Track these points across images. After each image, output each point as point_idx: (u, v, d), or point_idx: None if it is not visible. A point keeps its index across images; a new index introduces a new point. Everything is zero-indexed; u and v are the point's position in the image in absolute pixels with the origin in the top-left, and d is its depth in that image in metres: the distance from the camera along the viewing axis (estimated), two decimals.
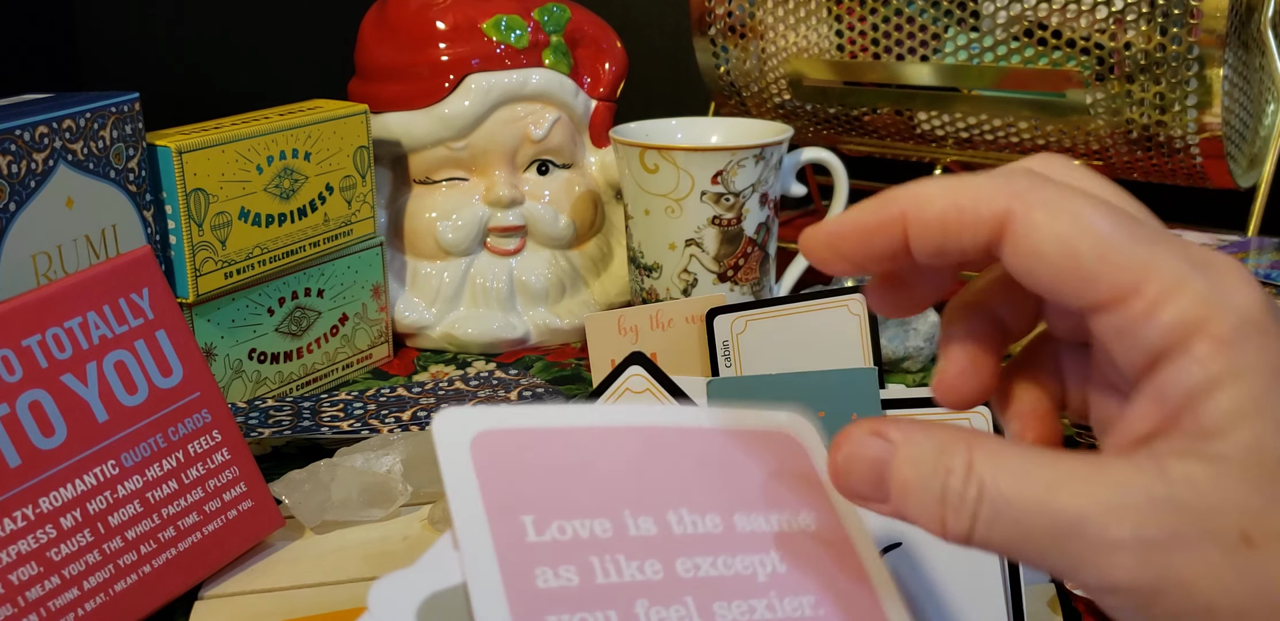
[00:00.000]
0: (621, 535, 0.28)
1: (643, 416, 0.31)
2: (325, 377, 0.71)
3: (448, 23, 0.74)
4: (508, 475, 0.28)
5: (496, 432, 0.29)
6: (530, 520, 0.28)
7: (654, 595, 0.28)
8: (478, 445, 0.28)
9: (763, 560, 0.30)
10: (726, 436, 0.31)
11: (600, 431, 0.30)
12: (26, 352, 0.43)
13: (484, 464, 0.28)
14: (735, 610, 0.29)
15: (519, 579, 0.27)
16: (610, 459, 0.30)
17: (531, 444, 0.29)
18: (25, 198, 0.53)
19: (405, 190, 0.77)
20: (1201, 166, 0.70)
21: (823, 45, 0.79)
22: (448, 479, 0.27)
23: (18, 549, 0.41)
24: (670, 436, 0.31)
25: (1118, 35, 0.68)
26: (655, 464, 0.30)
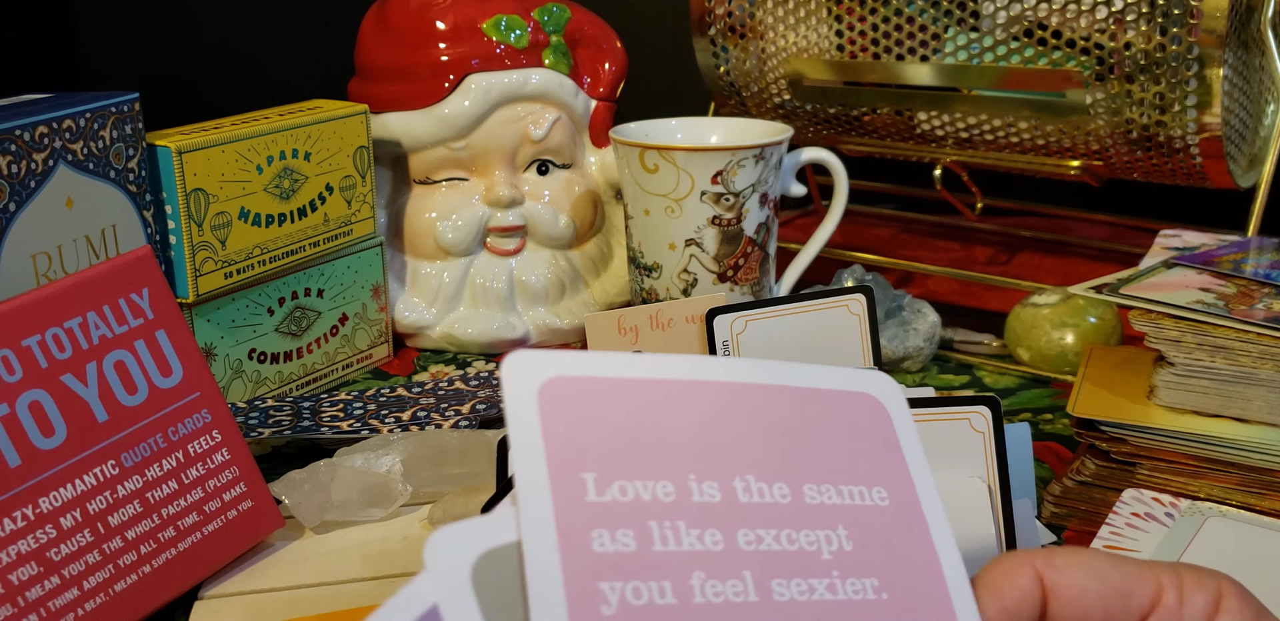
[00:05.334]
0: (684, 500, 0.27)
1: (724, 370, 0.29)
2: (325, 377, 0.71)
3: (448, 23, 0.74)
4: (574, 427, 0.27)
5: (567, 380, 0.27)
6: (592, 478, 0.26)
7: (711, 567, 0.26)
8: (546, 392, 0.27)
9: (829, 536, 0.28)
10: (808, 396, 0.30)
11: (677, 385, 0.28)
12: (26, 353, 0.43)
13: (551, 413, 0.27)
14: (794, 588, 0.27)
15: (575, 541, 0.25)
16: (682, 416, 0.28)
17: (602, 394, 0.27)
18: (25, 198, 0.53)
19: (405, 190, 0.77)
20: (1201, 166, 0.70)
21: (823, 45, 0.79)
22: (513, 428, 0.26)
23: (18, 549, 0.41)
24: (749, 394, 0.29)
25: (1118, 35, 0.68)
26: (728, 424, 0.28)
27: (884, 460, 0.30)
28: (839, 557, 0.28)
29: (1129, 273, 0.59)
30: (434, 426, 0.60)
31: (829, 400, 0.30)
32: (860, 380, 0.31)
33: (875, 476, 0.29)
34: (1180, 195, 0.81)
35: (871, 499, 0.29)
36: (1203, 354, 0.53)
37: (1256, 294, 0.55)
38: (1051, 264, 0.87)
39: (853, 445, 0.30)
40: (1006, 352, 0.72)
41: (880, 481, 0.29)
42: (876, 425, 0.30)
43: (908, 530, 0.29)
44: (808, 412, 0.30)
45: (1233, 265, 0.59)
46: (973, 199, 0.82)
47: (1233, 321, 0.52)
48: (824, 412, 0.30)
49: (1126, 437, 0.54)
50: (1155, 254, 0.62)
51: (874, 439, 0.30)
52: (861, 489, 0.29)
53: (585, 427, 0.27)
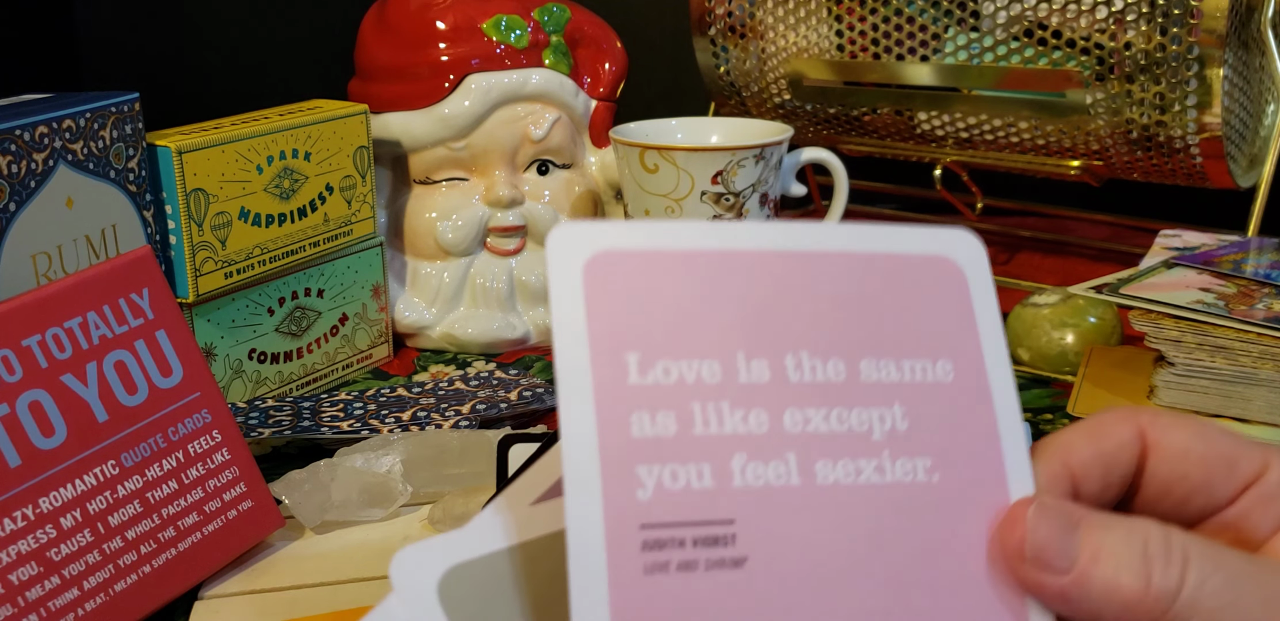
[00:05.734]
0: (730, 380, 0.26)
1: (786, 238, 0.28)
2: (325, 378, 0.71)
3: (448, 23, 0.74)
4: (620, 304, 0.26)
5: (617, 254, 0.26)
6: (635, 358, 0.26)
7: (753, 449, 0.26)
8: (593, 267, 0.26)
9: (883, 415, 0.27)
10: (876, 263, 0.28)
11: (733, 256, 0.27)
12: (26, 353, 0.43)
13: (596, 290, 0.26)
14: (840, 470, 0.27)
15: (613, 425, 0.25)
16: (736, 290, 0.27)
17: (652, 268, 0.26)
18: (25, 198, 0.53)
19: (405, 190, 0.77)
20: (1201, 166, 0.70)
21: (823, 45, 0.79)
22: (556, 306, 0.25)
23: (18, 549, 0.41)
24: (810, 263, 0.28)
25: (1118, 35, 0.67)
26: (785, 297, 0.27)
27: (954, 330, 0.28)
28: (891, 437, 0.27)
29: (1129, 273, 0.59)
30: (434, 426, 0.60)
31: (899, 266, 0.28)
32: (938, 242, 0.29)
33: (942, 349, 0.28)
34: (1180, 195, 0.81)
35: (935, 374, 0.28)
36: (1203, 354, 0.53)
37: (1256, 294, 0.55)
38: (1051, 264, 0.87)
39: (921, 315, 0.28)
40: None
41: (947, 354, 0.28)
42: (950, 292, 0.29)
43: (970, 407, 0.28)
44: (874, 281, 0.28)
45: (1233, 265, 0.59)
46: (973, 199, 0.82)
47: (1233, 321, 0.52)
48: (892, 280, 0.28)
49: None
50: (1155, 254, 0.62)
51: (945, 307, 0.28)
52: (925, 363, 0.28)
53: (631, 305, 0.26)
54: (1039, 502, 0.27)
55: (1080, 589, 0.25)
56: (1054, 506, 0.26)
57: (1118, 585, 0.25)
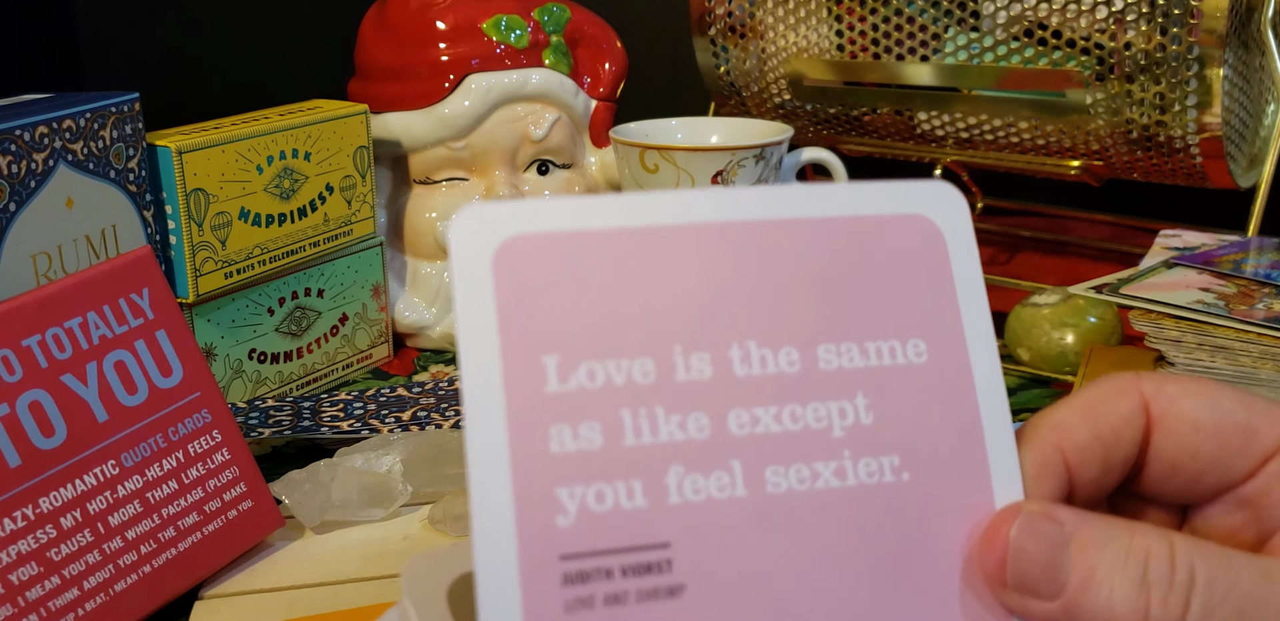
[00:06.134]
0: (666, 380, 0.23)
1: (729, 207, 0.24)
2: (325, 377, 0.71)
3: (448, 23, 0.74)
4: (535, 299, 0.23)
5: (531, 239, 0.23)
6: (554, 362, 0.23)
7: (692, 459, 0.23)
8: (503, 256, 0.23)
9: (844, 408, 0.24)
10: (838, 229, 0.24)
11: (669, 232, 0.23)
12: (26, 352, 0.43)
13: (507, 284, 0.23)
14: (793, 476, 0.23)
15: (528, 441, 0.22)
16: (672, 272, 0.23)
17: (572, 253, 0.23)
18: (25, 198, 0.53)
19: (405, 190, 0.77)
20: (1201, 166, 0.70)
21: (823, 45, 0.79)
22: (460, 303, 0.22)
23: (18, 549, 0.41)
24: (762, 234, 0.24)
25: (1118, 35, 0.67)
26: (730, 276, 0.24)
27: (930, 303, 0.25)
28: (853, 434, 0.24)
29: (1129, 273, 0.59)
30: (434, 426, 0.60)
31: (865, 230, 0.25)
32: (912, 199, 0.25)
33: (915, 325, 0.25)
34: (1180, 195, 0.81)
35: (905, 356, 0.24)
36: (1203, 354, 0.53)
37: (1256, 294, 0.55)
38: (1051, 264, 0.87)
39: (890, 287, 0.25)
40: (1007, 352, 0.72)
41: (920, 331, 0.25)
42: (926, 256, 0.25)
43: (947, 392, 0.24)
44: (834, 251, 0.24)
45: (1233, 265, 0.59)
46: (973, 199, 0.82)
47: (1233, 321, 0.52)
48: (856, 248, 0.25)
49: None
50: (1155, 254, 0.62)
51: (920, 276, 0.25)
52: (894, 344, 0.24)
53: (549, 299, 0.23)
54: (1023, 517, 0.23)
55: (1069, 617, 0.23)
56: (1040, 521, 0.23)
57: (1112, 615, 0.22)
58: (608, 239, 0.23)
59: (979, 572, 0.23)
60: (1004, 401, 0.25)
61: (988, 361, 0.25)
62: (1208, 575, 0.22)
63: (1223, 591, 0.22)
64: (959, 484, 0.24)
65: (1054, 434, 0.25)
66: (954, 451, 0.24)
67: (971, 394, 0.25)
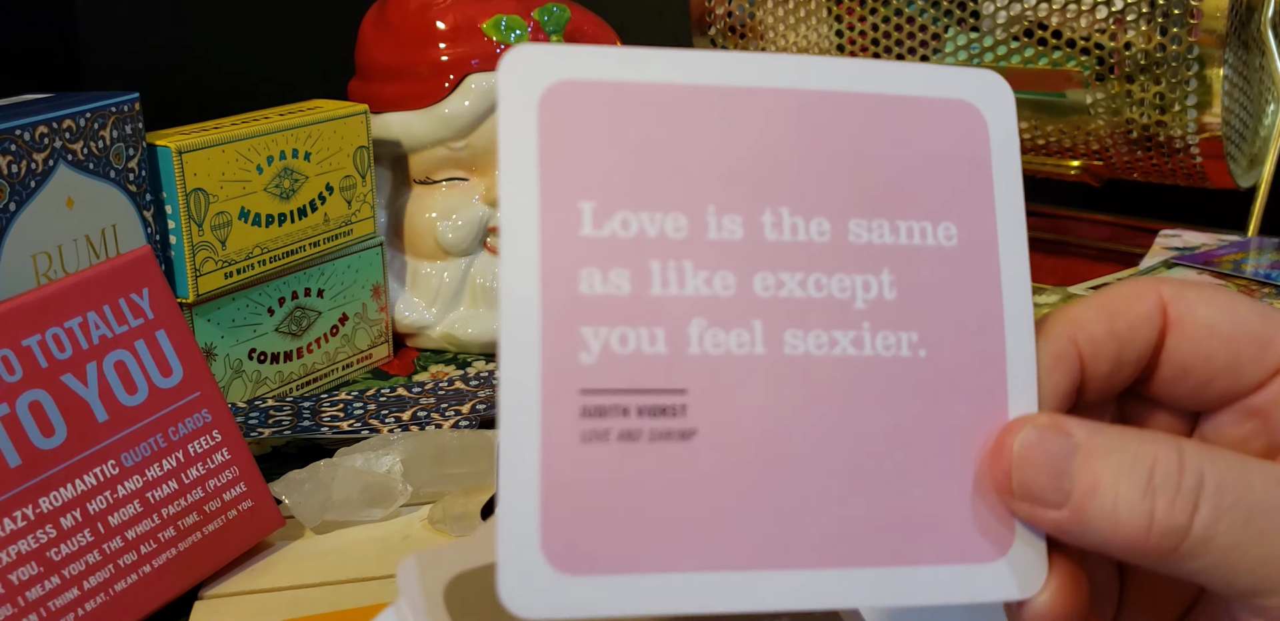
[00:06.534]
0: (697, 236, 0.24)
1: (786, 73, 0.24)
2: (325, 377, 0.71)
3: (448, 23, 0.74)
4: (579, 144, 0.23)
5: (580, 85, 0.23)
6: (590, 208, 0.23)
7: (715, 314, 0.23)
8: (550, 100, 0.23)
9: (868, 282, 0.24)
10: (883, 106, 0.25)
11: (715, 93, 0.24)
12: (26, 353, 0.43)
13: (552, 125, 0.23)
14: (810, 341, 0.24)
15: (560, 280, 0.23)
16: (715, 133, 0.24)
17: (620, 103, 0.23)
18: (25, 198, 0.53)
19: (405, 190, 0.77)
20: (1201, 166, 0.70)
21: (823, 45, 0.79)
22: (504, 141, 0.23)
23: (18, 549, 0.41)
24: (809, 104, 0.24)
25: (1118, 35, 0.68)
26: (772, 141, 0.24)
27: (965, 188, 0.25)
28: (875, 307, 0.24)
29: (1129, 273, 0.59)
30: (434, 426, 0.60)
31: (909, 110, 0.25)
32: (958, 84, 0.26)
33: (947, 208, 0.25)
34: (1180, 195, 0.81)
35: (935, 237, 0.25)
36: None
37: (1256, 294, 0.55)
38: (1051, 264, 0.87)
39: (927, 169, 0.25)
40: None
41: (952, 215, 0.25)
42: (967, 142, 0.25)
43: (972, 276, 0.25)
44: (876, 127, 0.25)
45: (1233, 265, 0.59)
46: None
47: None
48: (898, 127, 0.25)
49: None
50: (1155, 254, 0.62)
51: (958, 162, 0.25)
52: (925, 225, 0.25)
53: (593, 145, 0.23)
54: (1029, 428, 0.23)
55: (1077, 524, 0.22)
56: (1046, 432, 0.23)
57: (1117, 521, 0.22)
58: (655, 92, 0.23)
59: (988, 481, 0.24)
60: (1027, 292, 0.25)
61: (1016, 252, 0.25)
62: (1218, 480, 0.22)
63: (1233, 497, 0.22)
64: (974, 366, 0.24)
65: (1070, 327, 0.25)
66: (972, 335, 0.25)
67: (997, 281, 0.25)
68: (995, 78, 0.26)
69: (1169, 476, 0.22)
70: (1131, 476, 0.22)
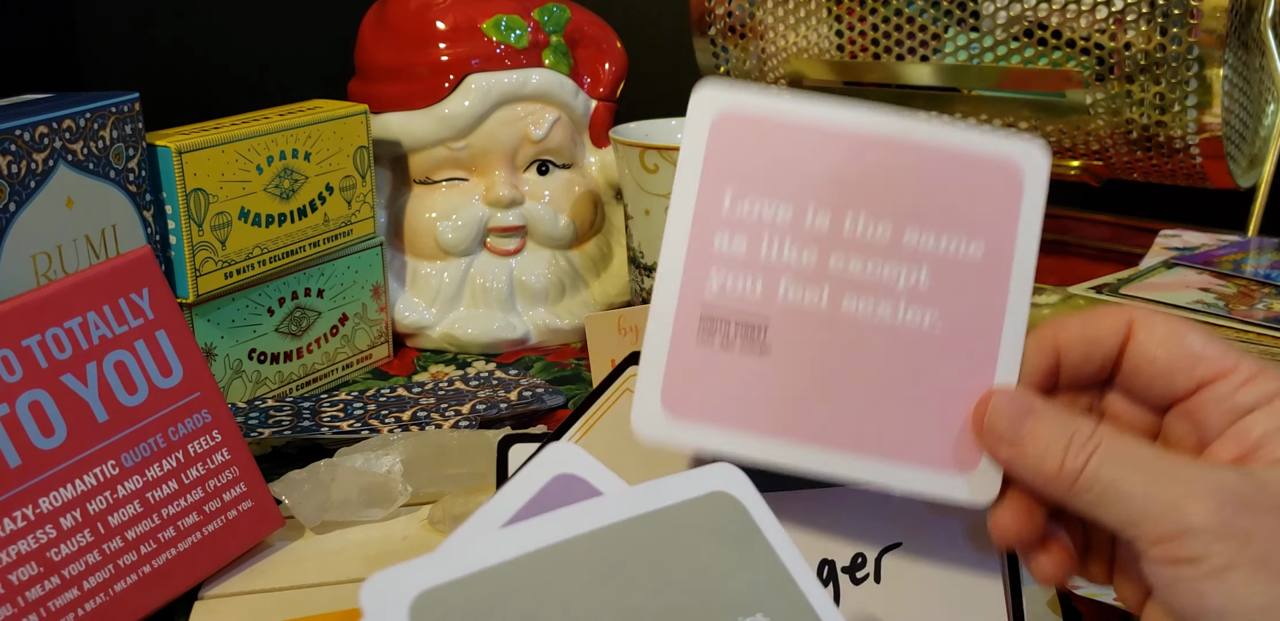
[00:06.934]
0: (797, 224, 0.34)
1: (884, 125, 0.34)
2: (325, 378, 0.71)
3: (448, 23, 0.74)
4: (732, 154, 0.34)
5: (742, 116, 0.34)
6: (730, 193, 0.34)
7: (798, 277, 0.34)
8: (720, 122, 0.34)
9: (909, 272, 0.34)
10: (950, 156, 0.34)
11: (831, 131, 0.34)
12: (26, 353, 0.43)
13: (717, 140, 0.34)
14: (861, 305, 0.34)
15: (702, 239, 0.34)
16: (823, 157, 0.34)
17: (764, 131, 0.34)
18: (25, 198, 0.53)
19: (405, 190, 0.77)
20: (1201, 166, 0.70)
21: (823, 45, 0.79)
22: (685, 146, 0.34)
23: (18, 549, 0.41)
24: (894, 146, 0.34)
25: (1118, 35, 0.68)
26: (861, 168, 0.34)
27: (997, 220, 0.34)
28: (911, 290, 0.34)
29: (1129, 273, 0.59)
30: (434, 426, 0.60)
31: (968, 160, 0.35)
32: (1008, 146, 0.35)
33: (980, 232, 0.34)
34: (1180, 195, 0.81)
35: (966, 250, 0.34)
36: None
37: (1256, 294, 0.55)
38: (1051, 264, 0.87)
39: (971, 202, 0.34)
40: None
41: (983, 236, 0.34)
42: (1004, 187, 0.35)
43: (988, 281, 0.34)
44: (940, 168, 0.34)
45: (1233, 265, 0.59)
46: None
47: (1233, 321, 0.52)
48: (956, 170, 0.34)
49: None
50: (1155, 254, 0.62)
51: (995, 199, 0.35)
52: (961, 240, 0.34)
53: (742, 155, 0.34)
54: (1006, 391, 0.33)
55: (1018, 459, 0.33)
56: (1017, 397, 0.33)
57: (1041, 461, 0.32)
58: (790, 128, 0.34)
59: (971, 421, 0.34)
60: (1027, 300, 0.34)
61: (1025, 271, 0.34)
62: (1110, 444, 0.32)
63: (1117, 455, 0.31)
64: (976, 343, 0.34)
65: (1054, 327, 0.34)
66: (979, 321, 0.34)
67: (1005, 289, 0.34)
68: (1039, 146, 0.35)
69: (1081, 439, 0.32)
70: (1059, 435, 0.32)
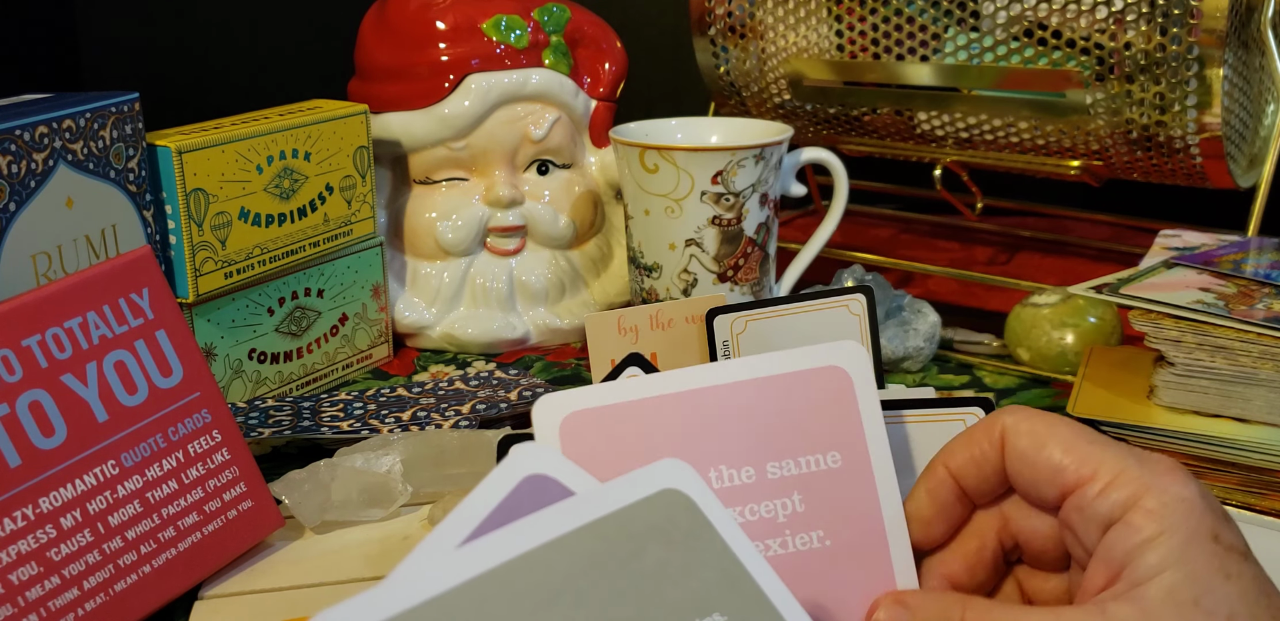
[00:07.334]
0: None
1: (697, 378, 0.36)
2: (325, 377, 0.71)
3: (448, 23, 0.74)
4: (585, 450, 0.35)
5: (580, 413, 0.36)
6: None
7: None
8: (566, 425, 0.36)
9: (785, 503, 0.36)
10: (773, 384, 0.36)
11: (663, 401, 0.36)
12: (26, 353, 0.43)
13: (569, 442, 0.35)
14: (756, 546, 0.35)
15: None
16: (665, 426, 0.36)
17: (605, 420, 0.36)
18: (25, 198, 0.53)
19: (405, 190, 0.77)
20: (1201, 166, 0.70)
21: (823, 45, 0.79)
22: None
23: (18, 549, 0.41)
24: (720, 396, 0.36)
25: (1118, 35, 0.68)
26: (704, 426, 0.36)
27: (842, 426, 0.37)
28: (792, 518, 0.36)
29: (1129, 273, 0.59)
30: (434, 426, 0.60)
31: (794, 382, 0.37)
32: (827, 355, 0.37)
33: (831, 442, 0.37)
34: (1180, 195, 0.81)
35: (826, 463, 0.37)
36: (1203, 354, 0.53)
37: (1256, 294, 0.55)
38: (1051, 264, 0.87)
39: (813, 418, 0.37)
40: (1006, 352, 0.72)
41: (836, 446, 0.37)
42: (838, 395, 0.37)
43: (855, 486, 0.36)
44: (774, 399, 0.37)
45: (1233, 265, 0.59)
46: (973, 199, 0.82)
47: (1233, 321, 0.52)
48: (788, 395, 0.37)
49: (1127, 438, 0.54)
50: (1155, 254, 0.62)
51: (834, 408, 0.37)
52: (818, 456, 0.37)
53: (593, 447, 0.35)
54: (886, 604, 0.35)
55: None
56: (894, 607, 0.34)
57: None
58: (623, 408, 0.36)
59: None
60: (896, 493, 0.36)
61: (884, 465, 0.37)
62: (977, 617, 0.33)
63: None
64: (863, 545, 0.36)
65: (944, 456, 0.36)
66: (859, 525, 0.36)
67: (872, 485, 0.36)
68: (853, 346, 0.37)
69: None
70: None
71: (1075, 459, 0.33)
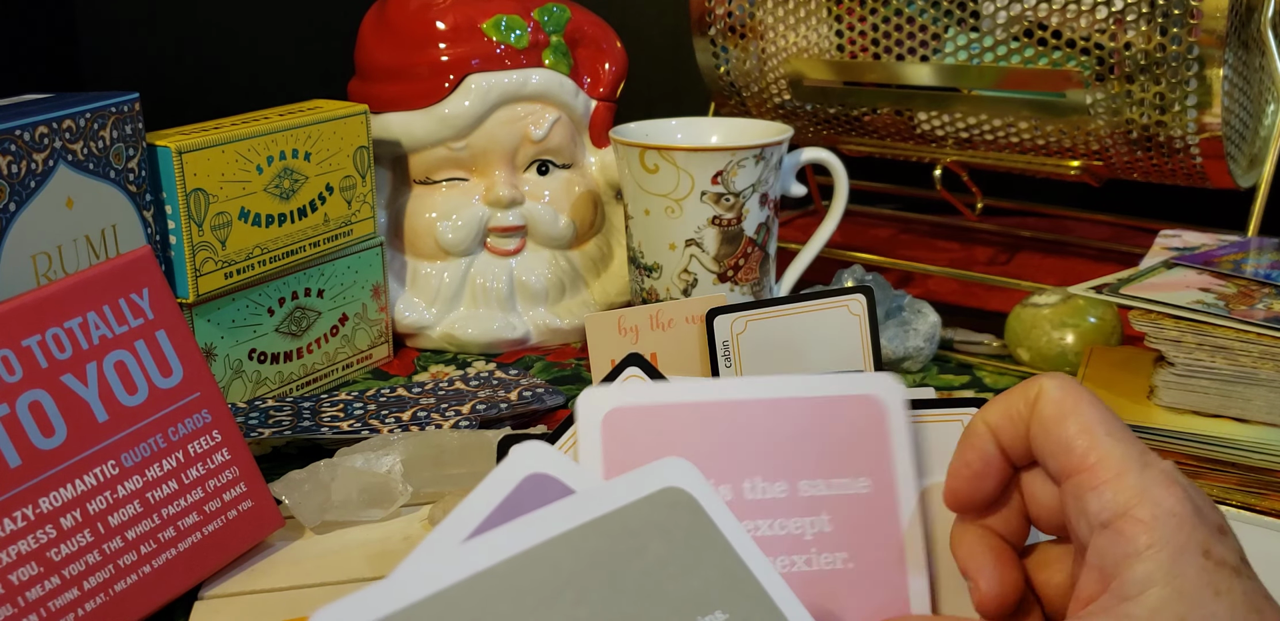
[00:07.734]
0: None
1: (746, 390, 0.37)
2: (325, 378, 0.71)
3: (448, 23, 0.74)
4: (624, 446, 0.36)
5: (623, 409, 0.37)
6: None
7: None
8: (608, 420, 0.37)
9: (813, 521, 0.37)
10: (814, 405, 0.38)
11: (706, 407, 0.37)
12: (26, 352, 0.43)
13: (609, 437, 0.36)
14: (779, 562, 0.37)
15: None
16: (707, 432, 0.37)
17: (647, 419, 0.37)
18: (25, 198, 0.53)
19: (405, 190, 0.77)
20: (1201, 166, 0.70)
21: (823, 45, 0.79)
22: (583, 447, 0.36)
23: (18, 549, 0.41)
24: (762, 409, 0.37)
25: (1118, 35, 0.67)
26: (744, 437, 0.37)
27: (873, 454, 0.38)
28: (818, 537, 0.37)
29: (1129, 273, 0.59)
30: (434, 426, 0.60)
31: (833, 406, 0.38)
32: (866, 384, 0.38)
33: (862, 468, 0.38)
34: (1180, 195, 0.81)
35: (855, 488, 0.38)
36: (1203, 354, 0.53)
37: (1256, 294, 0.55)
38: (1051, 264, 0.87)
39: (847, 443, 0.38)
40: (1007, 353, 0.72)
41: (866, 472, 0.38)
42: (872, 424, 0.38)
43: (880, 512, 0.38)
44: (812, 419, 0.38)
45: (1233, 265, 0.59)
46: (973, 199, 0.82)
47: (1233, 321, 0.52)
48: (826, 418, 0.38)
49: None
50: (1155, 254, 0.62)
51: (867, 436, 0.38)
52: (848, 480, 0.38)
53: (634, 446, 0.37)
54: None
55: None
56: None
57: None
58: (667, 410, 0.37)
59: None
60: (919, 520, 0.38)
61: (909, 493, 0.38)
62: None
63: None
64: (884, 570, 0.37)
65: (983, 413, 0.36)
66: (881, 550, 0.37)
67: (895, 513, 0.38)
68: (891, 378, 0.38)
69: None
70: None
71: (1084, 443, 0.33)
